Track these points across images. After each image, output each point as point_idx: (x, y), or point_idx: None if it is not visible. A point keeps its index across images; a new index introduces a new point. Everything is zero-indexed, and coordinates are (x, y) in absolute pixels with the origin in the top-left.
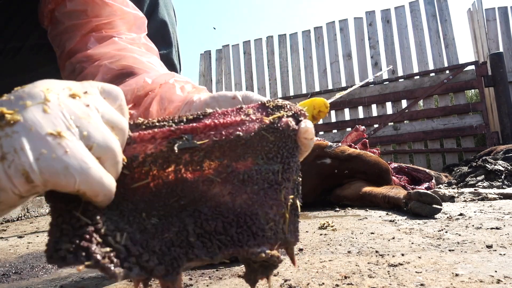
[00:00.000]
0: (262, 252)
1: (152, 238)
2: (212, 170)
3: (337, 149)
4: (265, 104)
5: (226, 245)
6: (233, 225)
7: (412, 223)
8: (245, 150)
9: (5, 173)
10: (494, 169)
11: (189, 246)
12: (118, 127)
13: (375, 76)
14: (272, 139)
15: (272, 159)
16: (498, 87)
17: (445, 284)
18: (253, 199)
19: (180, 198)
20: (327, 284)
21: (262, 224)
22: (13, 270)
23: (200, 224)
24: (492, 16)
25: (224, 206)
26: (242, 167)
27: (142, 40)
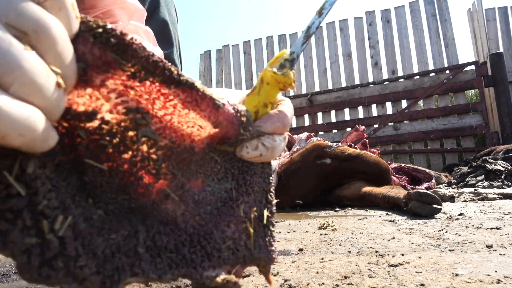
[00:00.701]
0: (217, 276)
1: (97, 234)
2: (168, 181)
3: (337, 149)
4: (241, 124)
5: (178, 265)
6: (186, 244)
7: (412, 223)
8: (197, 169)
9: None
10: (494, 169)
11: (137, 257)
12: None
13: None
14: (219, 161)
15: (222, 179)
16: (498, 87)
17: (445, 284)
18: (206, 219)
19: (131, 198)
20: (327, 284)
21: (218, 243)
22: (13, 270)
23: (151, 236)
24: (492, 16)
25: (175, 225)
26: (195, 187)
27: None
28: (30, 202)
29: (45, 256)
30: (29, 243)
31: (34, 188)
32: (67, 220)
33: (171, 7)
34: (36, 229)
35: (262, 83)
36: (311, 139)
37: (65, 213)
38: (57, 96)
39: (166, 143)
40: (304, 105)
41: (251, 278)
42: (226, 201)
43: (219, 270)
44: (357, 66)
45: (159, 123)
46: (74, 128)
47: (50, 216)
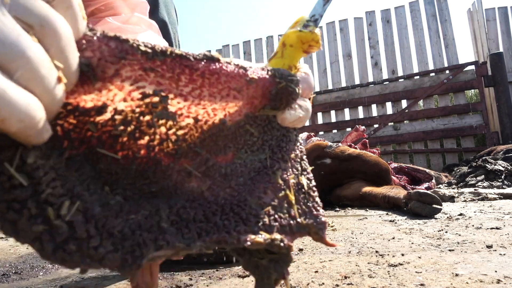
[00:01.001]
0: (258, 237)
1: (114, 216)
2: (190, 160)
3: (337, 149)
4: (275, 79)
5: (208, 232)
6: (217, 213)
7: (412, 223)
8: (226, 143)
9: None
10: (494, 169)
11: (160, 231)
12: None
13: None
14: (256, 134)
15: (258, 150)
16: (498, 87)
17: (445, 284)
18: (238, 189)
19: (151, 182)
20: (327, 284)
21: (255, 209)
22: (13, 270)
23: (176, 212)
24: (492, 16)
25: (203, 200)
26: (223, 161)
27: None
28: (34, 192)
29: (56, 241)
30: (37, 230)
31: (36, 178)
32: (74, 205)
33: (171, 7)
34: (43, 217)
35: (285, 46)
36: (311, 139)
37: (73, 199)
38: (57, 90)
39: (188, 122)
40: None
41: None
42: (260, 170)
43: (258, 234)
44: (357, 66)
45: (183, 101)
46: (83, 123)
47: (55, 203)
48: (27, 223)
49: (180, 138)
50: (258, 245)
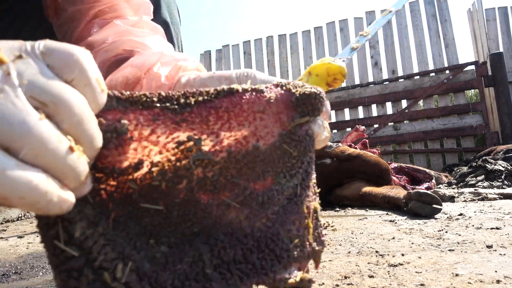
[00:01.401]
0: (291, 277)
1: (162, 269)
2: (228, 192)
3: (337, 149)
4: (290, 90)
5: (248, 275)
6: (254, 251)
7: (412, 223)
8: (264, 168)
9: None
10: (494, 169)
11: (206, 279)
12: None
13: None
14: (295, 154)
15: (295, 175)
16: (498, 87)
17: (445, 284)
18: (273, 219)
19: (193, 224)
20: (327, 284)
21: (286, 243)
22: (13, 270)
23: (217, 253)
24: (492, 16)
25: (241, 232)
26: (260, 188)
27: (144, 19)
28: (87, 260)
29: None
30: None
31: (86, 248)
32: (127, 266)
33: (173, 7)
34: (101, 282)
35: (310, 75)
36: None
37: (125, 260)
38: (69, 160)
39: (222, 155)
40: None
41: None
42: (292, 197)
43: (290, 270)
44: (357, 66)
45: (216, 138)
46: (123, 183)
47: (109, 267)
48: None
49: (217, 173)
50: (290, 284)
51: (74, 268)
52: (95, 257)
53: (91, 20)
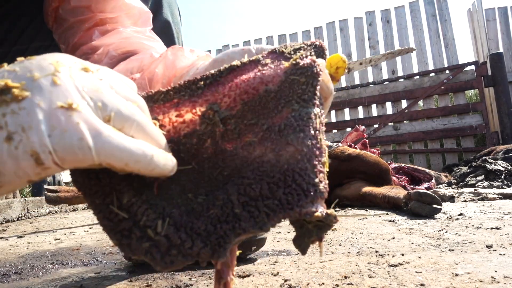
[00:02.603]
0: (318, 211)
1: (197, 217)
2: (249, 133)
3: (337, 149)
4: (281, 50)
5: (275, 211)
6: (280, 185)
7: (412, 223)
8: (277, 102)
9: (11, 155)
10: (494, 169)
11: (236, 219)
12: (136, 104)
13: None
14: (303, 80)
15: (310, 100)
16: (498, 87)
17: (445, 284)
18: (300, 151)
19: (223, 169)
20: (327, 284)
21: (312, 178)
22: (13, 270)
23: (243, 191)
24: (492, 16)
25: (268, 164)
26: (278, 120)
27: (147, 33)
28: (134, 221)
29: (161, 250)
30: (145, 247)
31: (132, 212)
32: (165, 222)
33: (174, 8)
34: (146, 237)
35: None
36: None
37: (164, 218)
38: (159, 136)
39: (238, 108)
40: None
41: (251, 278)
42: (316, 129)
43: (317, 205)
44: None
45: (228, 98)
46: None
47: (152, 225)
48: (137, 243)
49: (236, 123)
50: (316, 217)
51: (125, 228)
52: (140, 218)
53: (92, 27)
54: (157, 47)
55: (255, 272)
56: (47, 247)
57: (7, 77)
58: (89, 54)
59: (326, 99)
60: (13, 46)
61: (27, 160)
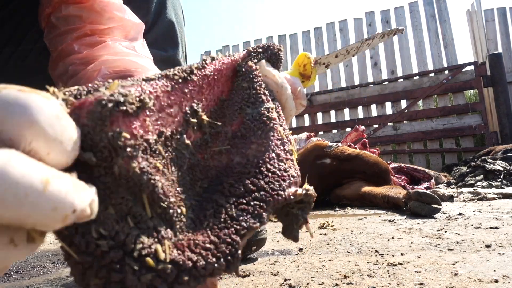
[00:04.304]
0: (298, 190)
1: (196, 232)
2: (216, 141)
3: (337, 149)
4: (251, 51)
5: (265, 200)
6: (259, 176)
7: (412, 222)
8: (233, 110)
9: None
10: (493, 169)
11: (234, 220)
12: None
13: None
14: (246, 85)
15: (257, 101)
16: (497, 87)
17: (445, 284)
18: (263, 144)
19: (202, 180)
20: (327, 283)
21: (282, 165)
22: (14, 269)
23: (228, 193)
24: (491, 16)
25: (239, 165)
26: (237, 126)
27: (138, 47)
28: (125, 252)
29: (169, 280)
30: (147, 279)
31: (120, 241)
32: (165, 246)
33: (178, 8)
34: (146, 267)
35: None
36: (311, 139)
37: (161, 241)
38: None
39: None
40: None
41: (251, 277)
42: (270, 124)
43: (296, 187)
44: (357, 67)
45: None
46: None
47: (150, 252)
48: (134, 277)
49: (206, 132)
50: (299, 196)
51: (114, 260)
52: (132, 247)
53: (81, 37)
54: (147, 65)
55: (255, 272)
56: (48, 247)
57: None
58: (78, 65)
59: (279, 92)
60: (18, 46)
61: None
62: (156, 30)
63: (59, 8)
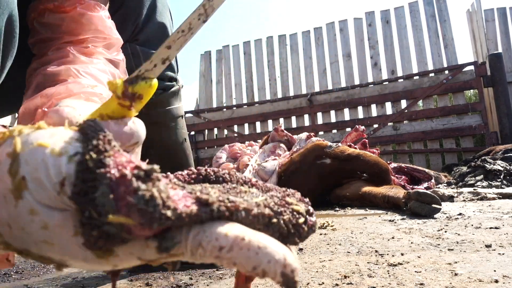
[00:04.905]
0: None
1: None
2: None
3: (337, 149)
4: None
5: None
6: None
7: (412, 222)
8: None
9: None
10: (493, 169)
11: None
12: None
13: None
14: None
15: (103, 180)
16: (497, 87)
17: (445, 284)
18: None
19: None
20: (327, 283)
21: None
22: (14, 269)
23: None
24: (491, 16)
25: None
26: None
27: (104, 55)
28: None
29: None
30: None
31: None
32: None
33: (167, 9)
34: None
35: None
36: (311, 139)
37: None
38: None
39: None
40: (304, 105)
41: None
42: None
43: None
44: (357, 67)
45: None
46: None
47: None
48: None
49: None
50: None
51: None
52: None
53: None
54: (88, 69)
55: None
56: None
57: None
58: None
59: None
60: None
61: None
62: (147, 31)
63: (42, 15)
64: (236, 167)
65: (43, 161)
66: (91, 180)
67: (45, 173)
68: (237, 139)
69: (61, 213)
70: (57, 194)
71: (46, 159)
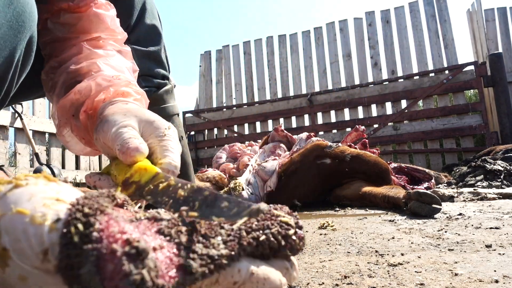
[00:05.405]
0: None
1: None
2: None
3: (337, 149)
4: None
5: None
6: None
7: (412, 222)
8: None
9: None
10: (493, 169)
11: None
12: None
13: None
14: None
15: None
16: (497, 87)
17: (445, 284)
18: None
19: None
20: (327, 283)
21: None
22: None
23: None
24: (491, 16)
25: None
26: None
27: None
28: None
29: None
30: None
31: None
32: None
33: (155, 11)
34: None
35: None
36: (311, 139)
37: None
38: None
39: None
40: (304, 105)
41: None
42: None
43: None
44: (357, 66)
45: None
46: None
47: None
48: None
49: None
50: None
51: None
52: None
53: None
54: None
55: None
56: None
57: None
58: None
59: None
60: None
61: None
62: (137, 32)
63: (57, 15)
64: (236, 167)
65: (23, 232)
66: (76, 256)
67: (27, 243)
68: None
69: (52, 276)
70: (40, 262)
71: (26, 228)
